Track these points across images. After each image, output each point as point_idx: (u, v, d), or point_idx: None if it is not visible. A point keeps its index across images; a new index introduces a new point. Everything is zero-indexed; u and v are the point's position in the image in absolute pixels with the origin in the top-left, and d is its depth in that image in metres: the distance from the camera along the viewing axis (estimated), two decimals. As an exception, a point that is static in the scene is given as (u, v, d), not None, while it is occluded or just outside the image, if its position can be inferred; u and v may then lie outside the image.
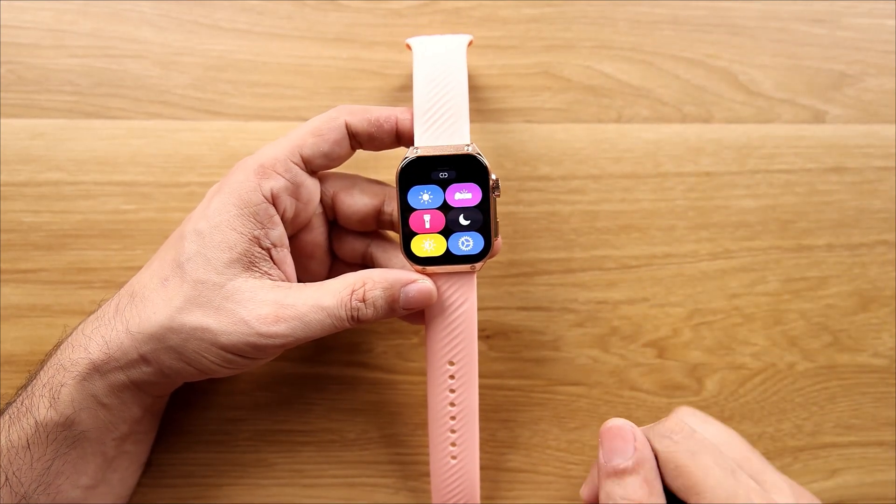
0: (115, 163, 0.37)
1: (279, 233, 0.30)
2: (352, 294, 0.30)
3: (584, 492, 0.31)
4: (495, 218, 0.31)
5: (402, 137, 0.31)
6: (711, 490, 0.27)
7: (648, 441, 0.29)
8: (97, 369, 0.29)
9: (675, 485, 0.28)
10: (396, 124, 0.31)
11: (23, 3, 0.37)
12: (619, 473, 0.28)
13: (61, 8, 0.37)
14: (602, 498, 0.28)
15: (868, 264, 0.38)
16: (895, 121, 0.38)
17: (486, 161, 0.30)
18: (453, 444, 0.33)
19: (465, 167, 0.30)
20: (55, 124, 0.37)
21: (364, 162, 0.37)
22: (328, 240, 0.34)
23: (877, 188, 0.38)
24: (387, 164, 0.37)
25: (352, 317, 0.30)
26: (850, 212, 0.38)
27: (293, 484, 0.37)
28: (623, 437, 0.28)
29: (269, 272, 0.30)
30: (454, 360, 0.32)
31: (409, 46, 0.33)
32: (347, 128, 0.31)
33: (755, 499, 0.27)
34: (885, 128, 0.38)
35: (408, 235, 0.30)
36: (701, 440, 0.28)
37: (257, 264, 0.30)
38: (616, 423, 0.29)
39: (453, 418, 0.33)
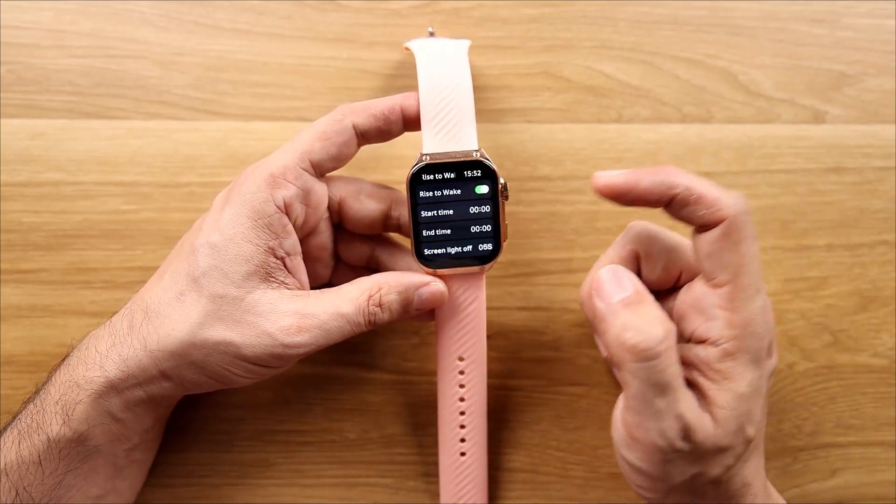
0: (115, 163, 0.37)
1: (293, 241, 0.30)
2: (369, 300, 0.30)
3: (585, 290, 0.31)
4: (504, 220, 0.31)
5: (410, 123, 0.31)
6: (755, 273, 0.28)
7: (729, 201, 0.28)
8: (114, 387, 0.29)
9: (725, 259, 0.28)
10: (402, 112, 0.31)
11: (23, 3, 0.37)
12: (630, 304, 0.28)
13: (61, 8, 0.37)
14: (615, 335, 0.27)
15: (868, 264, 0.38)
16: (895, 121, 0.38)
17: (494, 166, 0.30)
18: (462, 440, 0.34)
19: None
20: (55, 124, 0.37)
21: (364, 163, 0.37)
22: (333, 243, 0.34)
23: (877, 188, 0.38)
24: (387, 165, 0.37)
25: (369, 321, 0.30)
26: (850, 212, 0.38)
27: (293, 484, 0.37)
28: (617, 275, 0.29)
29: (286, 281, 0.30)
30: (464, 356, 0.33)
31: (407, 49, 0.33)
32: (354, 128, 0.31)
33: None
34: (885, 128, 0.38)
35: (419, 239, 0.31)
36: None
37: (273, 274, 0.30)
38: (605, 268, 0.29)
39: (463, 413, 0.33)
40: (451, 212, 0.31)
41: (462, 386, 0.33)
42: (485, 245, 0.31)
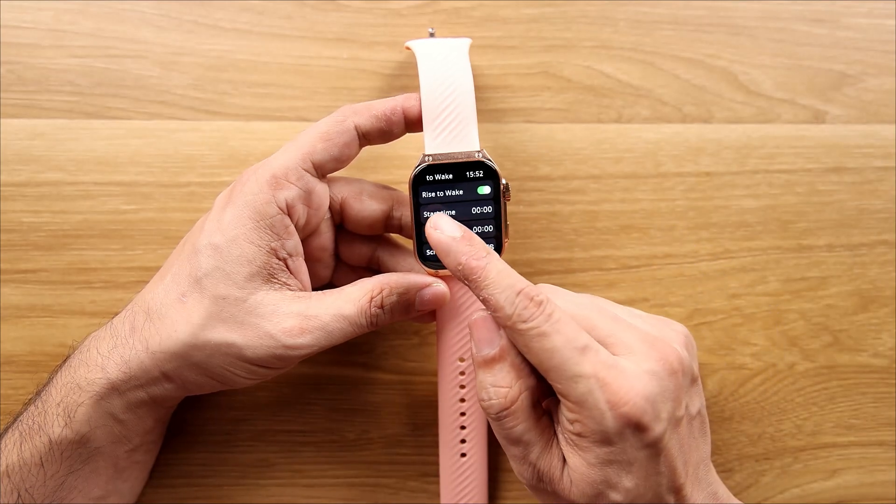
0: (115, 163, 0.37)
1: (295, 242, 0.30)
2: (371, 301, 0.30)
3: None
4: (505, 221, 0.31)
5: (412, 124, 0.31)
6: (555, 370, 0.27)
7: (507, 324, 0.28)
8: (116, 389, 0.29)
9: (531, 362, 0.28)
10: (404, 113, 0.31)
11: (23, 3, 0.37)
12: (489, 362, 0.28)
13: (61, 8, 0.37)
14: (478, 389, 0.29)
15: (868, 264, 0.38)
16: (895, 121, 0.38)
17: (496, 166, 0.31)
18: (463, 441, 0.34)
19: None
20: (55, 124, 0.37)
21: (364, 163, 0.37)
22: (334, 244, 0.34)
23: (877, 188, 0.38)
24: (388, 165, 0.37)
25: (371, 322, 0.30)
26: (850, 212, 0.38)
27: (293, 484, 0.37)
28: (488, 328, 0.29)
29: (288, 282, 0.30)
30: (465, 357, 0.33)
31: (408, 48, 0.33)
32: (356, 129, 0.31)
33: (601, 371, 0.27)
34: (885, 128, 0.38)
35: (421, 240, 0.31)
36: (556, 318, 0.27)
37: (276, 276, 0.30)
38: (481, 314, 0.29)
39: (463, 414, 0.33)
40: (453, 212, 0.31)
41: (463, 387, 0.33)
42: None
